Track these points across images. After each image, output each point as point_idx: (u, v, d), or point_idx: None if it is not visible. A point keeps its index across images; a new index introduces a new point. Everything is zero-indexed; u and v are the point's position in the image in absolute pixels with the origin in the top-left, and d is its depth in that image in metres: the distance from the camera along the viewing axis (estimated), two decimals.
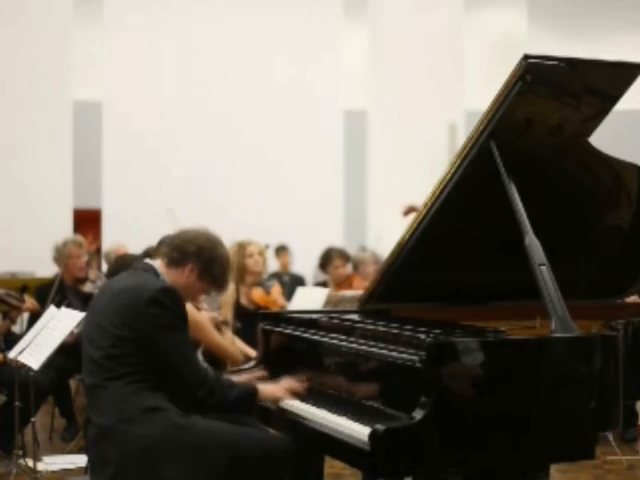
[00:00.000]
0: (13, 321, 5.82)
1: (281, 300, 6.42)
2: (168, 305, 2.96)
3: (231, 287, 5.61)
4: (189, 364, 2.99)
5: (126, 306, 2.96)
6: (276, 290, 6.44)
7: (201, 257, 3.13)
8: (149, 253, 4.27)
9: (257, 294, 5.83)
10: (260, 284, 6.05)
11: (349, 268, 7.36)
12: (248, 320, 5.35)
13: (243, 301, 5.66)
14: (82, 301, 6.03)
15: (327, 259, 7.20)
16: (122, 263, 5.18)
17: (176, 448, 2.83)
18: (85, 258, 6.55)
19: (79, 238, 6.69)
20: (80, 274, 6.42)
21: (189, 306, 4.03)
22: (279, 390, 3.12)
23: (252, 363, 3.67)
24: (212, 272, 3.17)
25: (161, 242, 3.57)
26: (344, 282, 7.06)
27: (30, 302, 5.90)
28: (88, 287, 6.40)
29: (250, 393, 3.07)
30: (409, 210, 6.04)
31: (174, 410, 2.90)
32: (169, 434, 2.83)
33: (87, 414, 3.07)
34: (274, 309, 5.91)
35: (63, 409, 6.14)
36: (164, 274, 3.13)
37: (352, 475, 4.74)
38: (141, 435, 2.82)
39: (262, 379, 3.34)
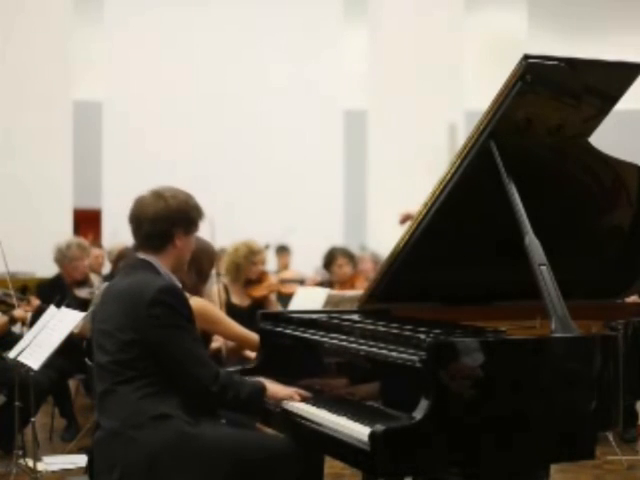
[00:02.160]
0: (21, 321, 5.82)
1: (275, 280, 6.42)
2: (170, 304, 2.89)
3: (220, 287, 5.61)
4: (199, 362, 2.91)
5: (128, 310, 2.90)
6: (267, 276, 6.37)
7: (177, 221, 3.02)
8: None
9: (257, 290, 5.82)
10: None
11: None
12: (240, 319, 5.36)
13: (235, 300, 5.65)
14: (79, 305, 6.04)
15: (331, 258, 7.20)
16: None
17: (183, 456, 2.80)
18: (86, 262, 6.54)
19: (83, 241, 6.68)
20: (80, 277, 6.43)
21: (203, 301, 4.02)
22: (286, 392, 3.08)
23: (252, 364, 3.67)
24: (193, 219, 3.08)
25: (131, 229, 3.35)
26: (348, 281, 7.07)
27: (35, 302, 5.91)
28: (84, 292, 6.40)
29: (259, 390, 3.03)
30: (405, 218, 6.05)
31: (183, 417, 2.85)
32: (176, 442, 2.80)
33: (96, 419, 3.03)
34: (281, 290, 6.00)
35: (63, 409, 6.14)
36: (162, 264, 3.03)
37: (352, 475, 4.74)
38: (148, 442, 2.79)
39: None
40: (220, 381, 2.91)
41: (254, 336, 4.08)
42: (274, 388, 3.08)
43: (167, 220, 3.01)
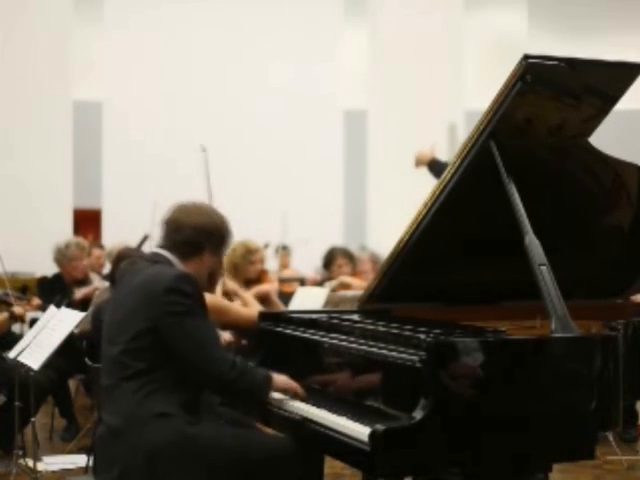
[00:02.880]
0: (20, 319, 5.82)
1: (272, 279, 6.44)
2: (186, 291, 2.91)
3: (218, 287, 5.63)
4: (217, 347, 2.95)
5: (144, 299, 2.92)
6: (266, 276, 6.38)
7: (213, 239, 3.11)
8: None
9: (256, 290, 5.83)
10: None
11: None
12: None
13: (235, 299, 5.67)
14: (79, 304, 6.04)
15: (330, 258, 7.22)
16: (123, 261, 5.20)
17: (183, 456, 2.80)
18: (86, 261, 6.54)
19: (82, 241, 6.68)
20: (80, 276, 6.43)
21: (210, 295, 4.01)
22: (291, 382, 3.10)
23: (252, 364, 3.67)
24: (225, 242, 3.18)
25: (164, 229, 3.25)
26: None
27: (36, 301, 5.91)
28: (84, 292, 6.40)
29: (268, 378, 3.05)
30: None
31: (184, 416, 2.86)
32: (177, 442, 2.80)
33: (98, 415, 3.03)
34: (281, 289, 5.95)
35: (63, 409, 6.14)
36: (181, 266, 3.06)
37: (352, 475, 4.74)
38: (149, 440, 2.79)
39: None
40: (237, 367, 2.93)
41: (258, 307, 4.09)
42: (280, 377, 3.10)
43: (206, 233, 3.10)
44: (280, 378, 3.09)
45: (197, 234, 3.09)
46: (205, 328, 2.95)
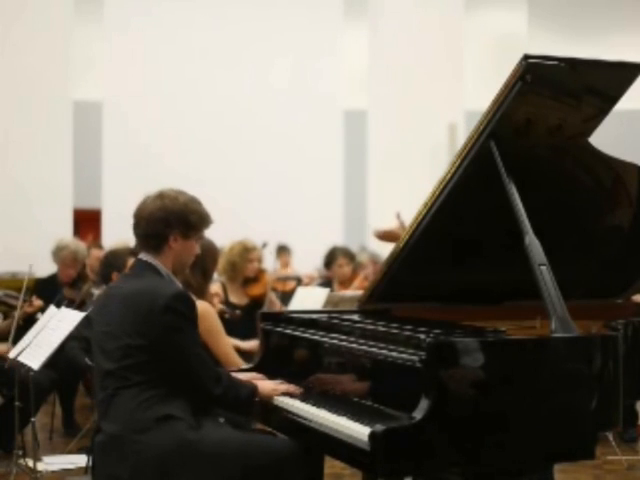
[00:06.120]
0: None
1: (272, 278, 6.46)
2: (182, 311, 2.90)
3: (217, 286, 5.64)
4: (205, 365, 2.95)
5: (139, 314, 2.89)
6: (264, 275, 6.40)
7: (172, 222, 3.01)
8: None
9: (255, 288, 5.85)
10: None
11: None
12: (239, 317, 5.44)
13: (233, 299, 5.68)
14: (67, 304, 6.04)
15: (332, 258, 7.25)
16: (113, 260, 5.20)
17: (187, 463, 2.79)
18: (77, 268, 6.51)
19: (81, 248, 6.66)
20: (66, 280, 6.44)
21: (208, 307, 3.98)
22: (276, 389, 3.11)
23: (251, 364, 3.68)
24: (191, 223, 3.05)
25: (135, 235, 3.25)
26: (348, 281, 7.10)
27: (37, 302, 5.90)
28: (73, 294, 6.39)
29: (253, 391, 3.06)
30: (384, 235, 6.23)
31: (186, 420, 2.85)
32: (179, 449, 2.79)
33: (97, 424, 3.01)
34: (278, 287, 5.93)
35: (66, 408, 6.15)
36: (160, 264, 3.03)
37: (352, 475, 4.75)
38: (153, 445, 2.78)
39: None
40: (222, 384, 2.95)
41: (238, 361, 4.05)
42: (265, 388, 3.11)
43: (162, 221, 3.02)
44: (266, 387, 3.10)
45: (153, 224, 3.01)
46: (195, 347, 2.95)
